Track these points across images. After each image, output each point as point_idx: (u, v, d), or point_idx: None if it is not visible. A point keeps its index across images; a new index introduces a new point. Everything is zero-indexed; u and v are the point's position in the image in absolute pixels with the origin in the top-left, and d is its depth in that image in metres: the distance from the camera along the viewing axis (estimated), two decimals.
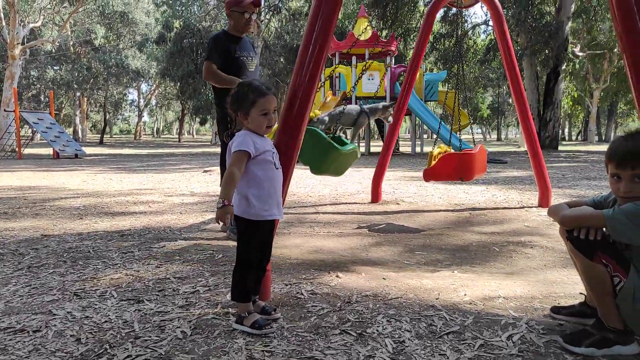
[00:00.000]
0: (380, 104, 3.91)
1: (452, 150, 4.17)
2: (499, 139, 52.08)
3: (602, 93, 34.83)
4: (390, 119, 3.87)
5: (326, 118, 3.62)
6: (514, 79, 4.72)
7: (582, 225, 1.67)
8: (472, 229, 3.99)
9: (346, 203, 5.37)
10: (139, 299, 2.23)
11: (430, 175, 3.98)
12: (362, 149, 18.98)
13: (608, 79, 32.68)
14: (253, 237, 1.91)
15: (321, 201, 5.54)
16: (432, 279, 2.58)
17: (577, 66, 23.50)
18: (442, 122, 7.23)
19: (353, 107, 3.85)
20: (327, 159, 3.25)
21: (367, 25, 6.67)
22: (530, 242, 3.45)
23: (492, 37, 22.18)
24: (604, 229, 1.64)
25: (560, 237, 1.85)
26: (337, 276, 2.59)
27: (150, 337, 1.82)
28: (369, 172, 7.73)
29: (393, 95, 16.32)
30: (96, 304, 2.17)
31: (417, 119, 17.45)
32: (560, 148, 21.13)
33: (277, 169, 2.00)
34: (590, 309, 1.85)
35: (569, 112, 43.39)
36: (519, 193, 6.05)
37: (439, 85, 19.08)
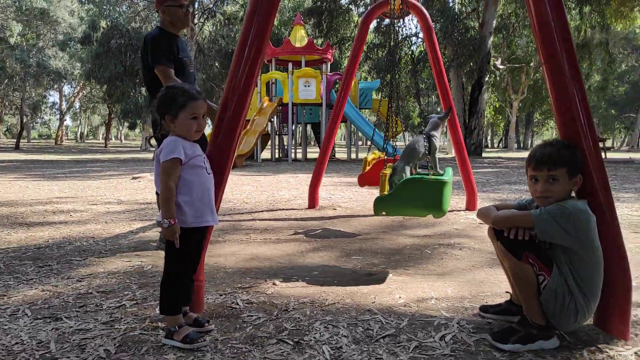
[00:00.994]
0: (436, 117, 3.82)
1: (385, 157, 4.27)
2: None
3: (520, 104, 37.57)
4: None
5: (402, 165, 3.50)
6: (442, 88, 4.94)
7: (513, 225, 1.76)
8: (406, 233, 4.09)
9: (283, 209, 5.33)
10: (56, 317, 2.04)
11: (365, 180, 4.05)
12: (299, 155, 19.05)
13: (525, 90, 35.30)
14: (184, 246, 1.82)
15: (257, 207, 5.45)
16: (368, 283, 2.60)
17: (498, 78, 25.17)
18: (376, 130, 7.41)
19: (417, 140, 3.68)
20: (440, 196, 2.87)
21: (304, 33, 6.71)
22: (459, 244, 3.60)
23: (422, 49, 23.21)
24: (532, 230, 1.73)
25: (487, 238, 1.93)
26: (274, 284, 2.53)
27: (68, 357, 1.66)
28: (306, 178, 7.72)
29: (329, 102, 16.55)
30: (5, 324, 1.96)
31: (353, 126, 17.82)
32: (484, 155, 22.48)
33: (209, 174, 1.92)
34: (516, 307, 1.94)
35: (491, 121, 46.28)
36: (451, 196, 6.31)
37: (373, 94, 19.63)
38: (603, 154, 16.99)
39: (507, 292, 2.11)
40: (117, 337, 1.83)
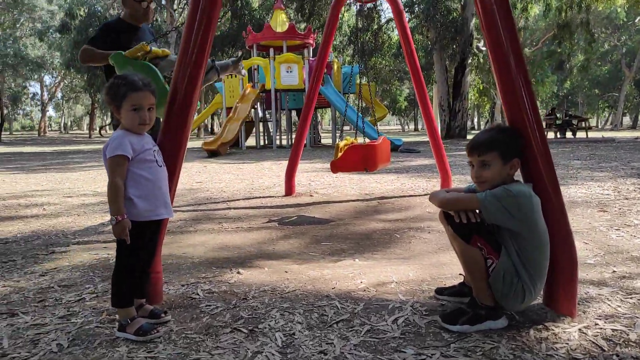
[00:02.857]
0: (230, 60, 3.54)
1: (358, 142, 4.27)
2: (415, 129, 54.51)
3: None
4: (244, 72, 3.58)
5: (174, 60, 3.18)
6: (415, 72, 4.93)
7: (459, 208, 1.78)
8: (379, 217, 4.13)
9: (260, 197, 5.32)
10: (13, 313, 2.03)
11: (337, 166, 4.05)
12: (285, 142, 18.98)
13: None
14: (137, 239, 1.81)
15: (234, 196, 5.44)
16: (333, 269, 2.62)
17: (482, 60, 25.18)
18: (360, 114, 7.40)
19: None
20: (160, 102, 2.79)
21: (285, 18, 6.62)
22: (429, 227, 3.64)
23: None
24: (480, 213, 1.76)
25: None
26: (239, 272, 2.54)
27: (19, 353, 1.66)
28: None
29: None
30: None
31: (337, 111, 17.75)
32: (468, 137, 22.62)
33: (161, 166, 1.91)
34: (468, 288, 1.98)
35: (476, 102, 46.46)
36: (426, 181, 6.36)
37: (357, 78, 19.54)
38: (584, 134, 17.18)
39: (460, 274, 2.15)
40: (72, 331, 1.83)
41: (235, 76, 18.61)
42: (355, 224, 3.87)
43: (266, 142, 20.19)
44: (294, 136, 21.22)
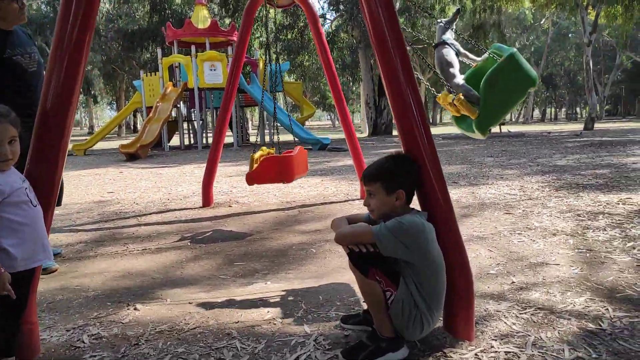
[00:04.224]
0: (443, 21, 2.87)
1: (273, 153, 4.17)
2: None
3: (428, 82, 39.40)
4: None
5: (454, 80, 2.62)
6: (331, 76, 4.91)
7: (354, 242, 1.74)
8: (298, 228, 4.05)
9: (175, 209, 5.05)
10: None
11: (253, 178, 3.92)
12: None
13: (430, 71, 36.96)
14: (13, 291, 1.57)
15: (147, 209, 5.12)
16: (242, 296, 2.50)
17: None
18: (288, 114, 7.33)
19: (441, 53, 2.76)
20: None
21: (207, 14, 6.32)
22: None
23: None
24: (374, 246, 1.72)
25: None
26: (135, 308, 2.34)
27: None
28: (219, 170, 7.32)
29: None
30: None
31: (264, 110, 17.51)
32: (394, 133, 23.30)
33: (35, 206, 1.68)
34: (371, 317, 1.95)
35: None
36: (348, 184, 6.39)
37: (285, 76, 19.41)
38: (499, 129, 18.32)
39: (364, 301, 2.12)
40: None
41: (155, 74, 17.75)
42: (273, 237, 3.76)
43: (191, 141, 19.50)
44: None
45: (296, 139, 4.57)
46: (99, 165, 11.59)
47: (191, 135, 19.91)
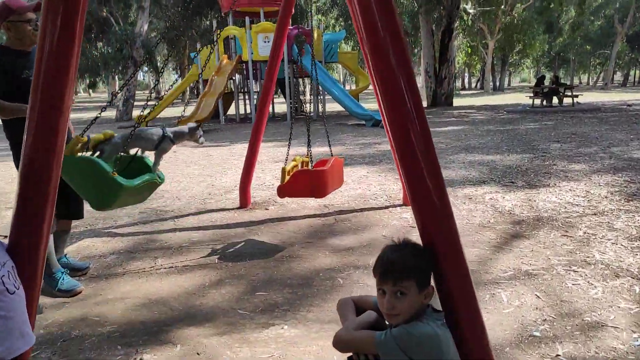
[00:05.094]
0: (186, 127, 3.34)
1: (307, 163, 3.94)
2: None
3: (496, 44, 36.86)
4: (202, 139, 3.37)
5: (119, 141, 3.01)
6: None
7: (354, 350, 1.51)
8: (330, 243, 3.85)
9: (213, 210, 5.00)
10: None
11: (285, 192, 3.74)
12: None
13: (498, 32, 34.51)
14: None
15: (187, 208, 5.12)
16: (254, 345, 2.37)
17: (470, 22, 24.31)
18: (341, 87, 7.01)
19: (154, 131, 3.19)
20: (109, 196, 2.74)
21: None
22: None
23: None
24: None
25: None
26: (142, 359, 2.28)
27: None
28: (263, 147, 7.18)
29: (291, 57, 15.78)
30: None
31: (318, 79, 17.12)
32: (456, 103, 22.12)
33: (13, 292, 1.58)
34: None
35: (467, 61, 45.59)
36: (394, 180, 6.06)
37: (340, 46, 18.81)
38: (571, 100, 16.78)
39: None
40: None
41: (211, 47, 17.76)
42: (302, 256, 3.59)
43: (247, 111, 19.63)
44: (276, 105, 20.51)
45: (330, 151, 4.26)
46: None
47: (247, 105, 20.02)
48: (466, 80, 58.14)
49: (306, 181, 3.64)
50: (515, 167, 6.68)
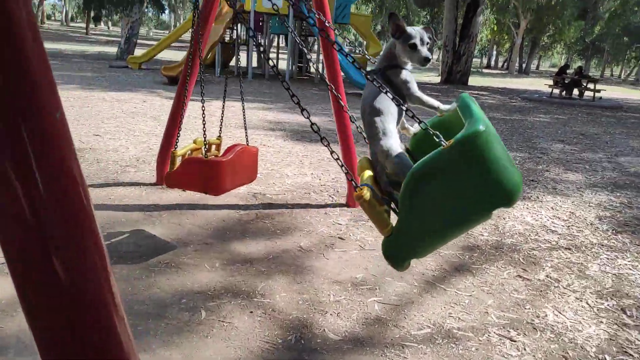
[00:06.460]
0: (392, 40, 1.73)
1: (202, 149, 3.13)
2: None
3: (528, 25, 34.71)
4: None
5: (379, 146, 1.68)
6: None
7: None
8: (232, 250, 3.11)
9: (122, 184, 4.25)
10: None
11: (172, 181, 2.96)
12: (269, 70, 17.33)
13: (530, 11, 32.44)
14: None
15: (97, 175, 4.38)
16: None
17: None
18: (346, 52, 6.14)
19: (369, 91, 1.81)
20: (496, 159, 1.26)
21: None
22: (264, 293, 2.62)
23: None
24: None
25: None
26: None
27: None
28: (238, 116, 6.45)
29: (296, 12, 14.60)
30: None
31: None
32: (473, 82, 20.81)
33: None
34: None
35: (496, 39, 43.35)
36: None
37: (352, 7, 17.48)
38: (592, 94, 15.51)
39: None
40: None
41: None
42: (183, 266, 2.85)
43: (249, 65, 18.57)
44: (277, 63, 19.24)
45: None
46: (133, 87, 11.15)
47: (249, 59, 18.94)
48: (493, 59, 55.60)
49: (196, 172, 2.86)
50: None
